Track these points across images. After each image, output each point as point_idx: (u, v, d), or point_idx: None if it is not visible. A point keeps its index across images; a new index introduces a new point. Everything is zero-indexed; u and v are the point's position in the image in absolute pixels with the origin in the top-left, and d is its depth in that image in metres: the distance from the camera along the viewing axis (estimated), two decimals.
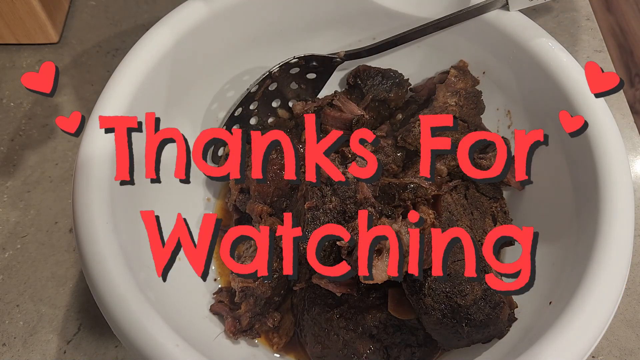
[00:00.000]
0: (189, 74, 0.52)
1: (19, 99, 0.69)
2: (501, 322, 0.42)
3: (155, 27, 0.48)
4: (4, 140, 0.66)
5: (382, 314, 0.46)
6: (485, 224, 0.49)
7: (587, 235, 0.41)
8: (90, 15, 0.77)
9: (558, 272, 0.43)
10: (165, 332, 0.37)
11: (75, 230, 0.40)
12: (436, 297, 0.41)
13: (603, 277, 0.38)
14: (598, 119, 0.44)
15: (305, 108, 0.56)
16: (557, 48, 0.48)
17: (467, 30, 0.52)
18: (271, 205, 0.51)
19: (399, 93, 0.57)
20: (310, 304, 0.48)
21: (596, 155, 0.43)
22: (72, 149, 0.65)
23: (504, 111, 0.54)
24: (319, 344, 0.46)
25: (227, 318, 0.49)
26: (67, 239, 0.59)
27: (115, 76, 0.46)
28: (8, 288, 0.57)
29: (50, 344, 0.54)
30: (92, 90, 0.70)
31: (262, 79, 0.55)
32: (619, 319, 0.54)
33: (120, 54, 0.73)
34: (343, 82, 0.60)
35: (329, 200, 0.44)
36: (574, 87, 0.46)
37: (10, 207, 0.61)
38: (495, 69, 0.53)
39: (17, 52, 0.73)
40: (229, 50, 0.54)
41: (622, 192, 0.41)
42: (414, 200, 0.46)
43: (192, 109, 0.55)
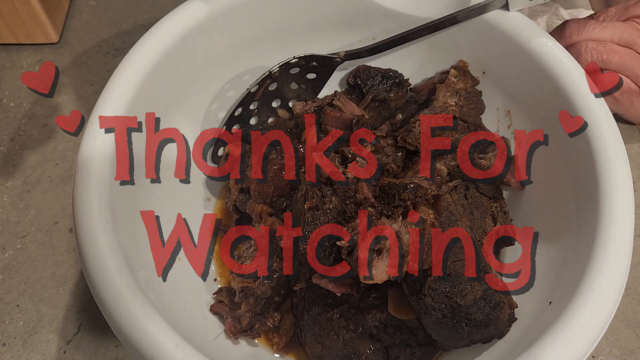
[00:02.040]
0: (189, 74, 0.52)
1: (19, 99, 0.69)
2: (501, 322, 0.42)
3: (155, 27, 0.48)
4: (4, 140, 0.66)
5: (382, 314, 0.46)
6: (485, 224, 0.49)
7: (587, 235, 0.41)
8: (90, 15, 0.77)
9: (558, 272, 0.43)
10: (165, 332, 0.37)
11: (75, 230, 0.40)
12: (436, 297, 0.41)
13: (603, 277, 0.38)
14: (598, 119, 0.44)
15: (305, 108, 0.56)
16: (557, 48, 0.48)
17: (467, 30, 0.52)
18: (271, 205, 0.51)
19: (399, 93, 0.57)
20: (310, 304, 0.48)
21: (596, 155, 0.43)
22: (72, 149, 0.65)
23: (504, 111, 0.54)
24: (319, 343, 0.46)
25: (227, 318, 0.49)
26: (67, 239, 0.59)
27: (115, 76, 0.46)
28: (8, 288, 0.57)
29: (50, 344, 0.53)
30: (92, 90, 0.70)
31: (262, 79, 0.55)
32: (619, 319, 0.54)
33: (120, 54, 0.73)
34: (343, 82, 0.60)
35: (329, 200, 0.44)
36: (574, 87, 0.46)
37: (10, 207, 0.61)
38: (495, 69, 0.53)
39: (17, 52, 0.73)
40: (229, 50, 0.54)
41: (622, 192, 0.41)
42: (414, 200, 0.46)
43: (192, 109, 0.55)
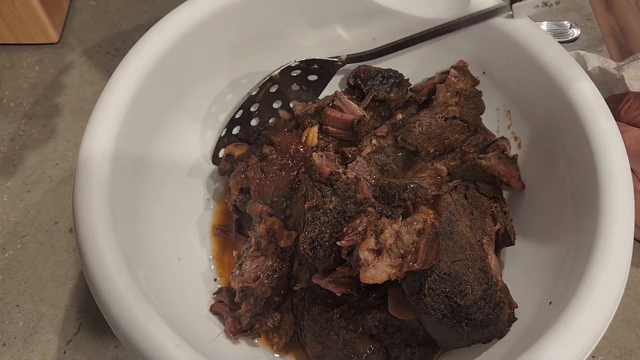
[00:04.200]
0: (189, 74, 0.52)
1: (19, 99, 0.69)
2: (501, 322, 0.42)
3: (155, 27, 0.48)
4: (4, 140, 0.66)
5: (382, 314, 0.46)
6: (485, 224, 0.49)
7: (587, 235, 0.41)
8: (90, 15, 0.77)
9: (558, 272, 0.43)
10: (165, 332, 0.37)
11: (75, 230, 0.40)
12: (436, 297, 0.41)
13: (603, 277, 0.38)
14: (598, 119, 0.44)
15: (306, 109, 0.56)
16: (557, 48, 0.48)
17: (467, 31, 0.52)
18: (271, 205, 0.51)
19: (399, 93, 0.57)
20: (310, 304, 0.48)
21: (596, 155, 0.42)
22: (72, 149, 0.65)
23: (504, 111, 0.54)
24: (319, 343, 0.46)
25: (227, 318, 0.49)
26: (67, 239, 0.59)
27: (115, 76, 0.46)
28: (8, 288, 0.57)
29: (50, 344, 0.53)
30: (92, 90, 0.70)
31: (263, 83, 0.55)
32: (619, 319, 0.54)
33: (120, 54, 0.73)
34: (343, 82, 0.60)
35: (329, 200, 0.44)
36: (574, 87, 0.46)
37: (10, 207, 0.61)
38: (495, 69, 0.53)
39: (17, 52, 0.73)
40: (228, 50, 0.54)
41: (622, 192, 0.41)
42: (414, 200, 0.46)
43: (192, 109, 0.55)
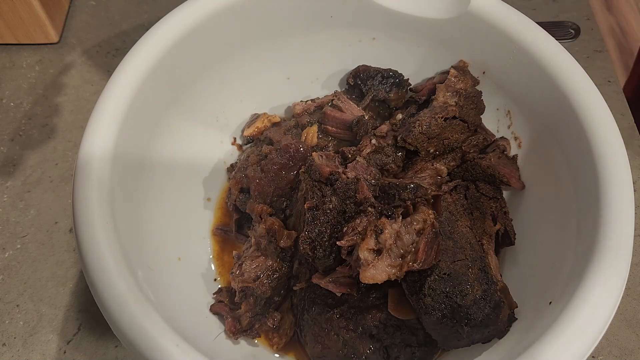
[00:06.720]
0: (189, 74, 0.52)
1: (19, 99, 0.69)
2: (501, 322, 0.42)
3: (155, 27, 0.48)
4: (4, 140, 0.66)
5: (382, 314, 0.46)
6: (485, 224, 0.49)
7: (587, 236, 0.41)
8: (90, 15, 0.77)
9: (558, 272, 0.43)
10: (165, 332, 0.37)
11: (75, 230, 0.40)
12: (436, 297, 0.41)
13: (603, 277, 0.38)
14: (598, 119, 0.44)
15: (306, 108, 0.56)
16: (557, 48, 0.48)
17: (467, 30, 0.52)
18: (271, 205, 0.51)
19: (399, 93, 0.57)
20: (310, 303, 0.48)
21: (596, 155, 0.42)
22: (72, 149, 0.65)
23: (504, 111, 0.54)
24: (319, 343, 0.46)
25: (227, 318, 0.49)
26: (67, 239, 0.59)
27: (115, 76, 0.46)
28: (8, 288, 0.57)
29: (50, 344, 0.53)
30: (92, 90, 0.70)
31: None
32: (619, 319, 0.54)
33: (120, 54, 0.73)
34: (343, 82, 0.60)
35: (329, 200, 0.44)
36: (574, 87, 0.46)
37: (10, 207, 0.61)
38: (495, 69, 0.53)
39: (17, 52, 0.73)
40: (228, 50, 0.54)
41: (622, 192, 0.41)
42: (414, 200, 0.46)
43: (192, 109, 0.55)
